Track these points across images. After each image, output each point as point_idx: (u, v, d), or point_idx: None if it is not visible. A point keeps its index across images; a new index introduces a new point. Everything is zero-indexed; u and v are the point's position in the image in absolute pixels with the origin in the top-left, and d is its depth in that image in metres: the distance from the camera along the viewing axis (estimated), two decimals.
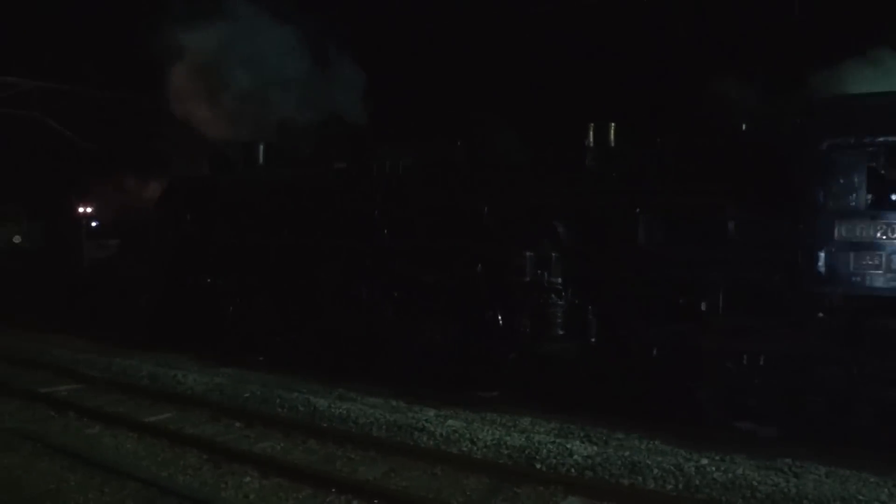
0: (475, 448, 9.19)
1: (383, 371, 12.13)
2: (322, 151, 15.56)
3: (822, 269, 8.92)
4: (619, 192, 10.57)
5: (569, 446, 8.93)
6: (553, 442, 9.11)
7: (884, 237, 8.60)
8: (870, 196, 8.83)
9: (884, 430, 8.45)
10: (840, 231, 8.81)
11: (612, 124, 11.45)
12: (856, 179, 8.80)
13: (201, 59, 17.64)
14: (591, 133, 11.35)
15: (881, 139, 8.71)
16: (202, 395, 12.02)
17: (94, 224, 18.77)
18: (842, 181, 8.84)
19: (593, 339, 10.67)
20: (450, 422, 10.01)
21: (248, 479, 8.42)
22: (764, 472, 8.05)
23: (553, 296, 10.96)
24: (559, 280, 10.93)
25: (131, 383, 12.88)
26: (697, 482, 7.91)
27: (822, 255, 8.91)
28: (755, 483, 7.71)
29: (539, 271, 10.96)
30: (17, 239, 35.73)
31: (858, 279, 8.72)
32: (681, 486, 7.91)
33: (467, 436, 9.44)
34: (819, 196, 8.97)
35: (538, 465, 8.62)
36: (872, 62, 11.02)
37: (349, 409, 10.67)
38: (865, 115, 8.86)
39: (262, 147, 16.46)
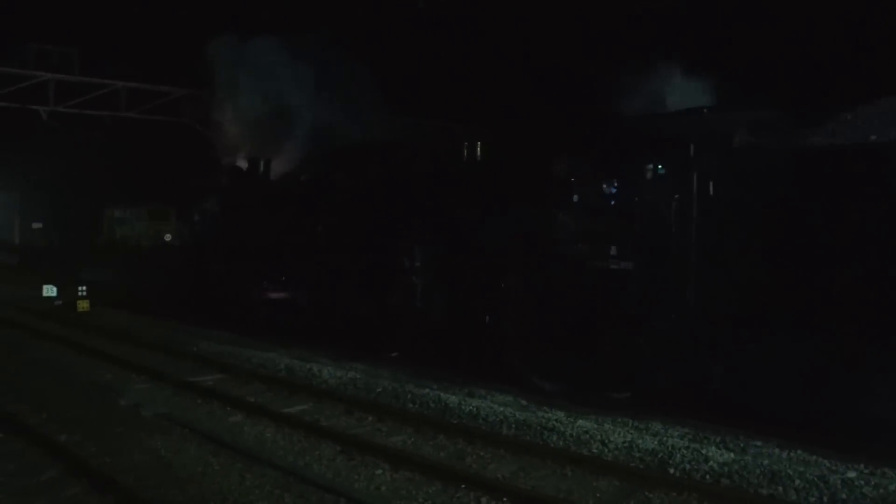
0: (606, 450, 9.05)
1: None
2: (297, 167, 19.11)
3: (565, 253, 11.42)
4: (451, 197, 13.58)
5: (704, 452, 8.65)
6: (687, 447, 8.84)
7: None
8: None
9: None
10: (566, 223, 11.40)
11: (479, 142, 14.16)
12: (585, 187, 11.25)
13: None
14: (465, 150, 14.13)
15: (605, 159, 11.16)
16: (336, 389, 12.39)
17: None
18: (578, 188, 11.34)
19: (441, 311, 13.49)
20: (580, 422, 9.89)
21: (379, 471, 8.61)
22: None
23: (414, 277, 13.90)
24: (418, 264, 13.86)
25: (270, 375, 13.42)
26: (844, 496, 7.49)
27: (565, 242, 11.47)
28: None
29: (406, 258, 14.05)
30: (167, 237, 38.07)
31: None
32: (825, 499, 7.50)
33: (598, 437, 9.31)
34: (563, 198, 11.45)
35: (671, 470, 8.39)
36: None
37: (479, 407, 10.72)
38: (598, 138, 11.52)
39: (262, 163, 20.03)
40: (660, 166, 10.50)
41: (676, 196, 10.22)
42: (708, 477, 8.18)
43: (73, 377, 13.61)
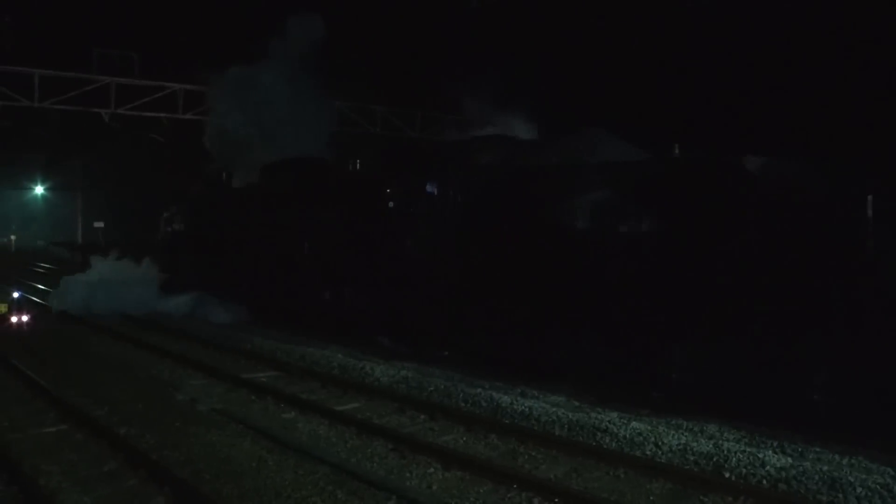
0: (660, 452, 8.94)
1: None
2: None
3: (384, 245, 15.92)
4: (323, 206, 17.86)
5: (760, 456, 8.48)
6: (743, 451, 8.68)
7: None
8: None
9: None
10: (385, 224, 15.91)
11: (357, 160, 18.64)
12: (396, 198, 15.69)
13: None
14: (351, 166, 18.76)
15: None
16: (389, 387, 12.46)
17: None
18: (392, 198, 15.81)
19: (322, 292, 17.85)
20: (633, 424, 9.78)
21: (431, 469, 8.64)
22: None
23: (309, 265, 17.99)
24: (306, 255, 18.09)
25: (324, 373, 13.55)
26: None
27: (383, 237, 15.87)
28: None
29: (303, 251, 18.19)
30: None
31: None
32: None
33: (652, 439, 9.20)
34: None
35: (727, 474, 8.26)
36: None
37: (531, 407, 10.68)
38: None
39: (224, 174, 24.50)
40: (434, 182, 14.58)
41: (440, 203, 14.32)
42: (765, 482, 8.03)
43: (132, 372, 13.95)
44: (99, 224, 44.15)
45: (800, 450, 8.90)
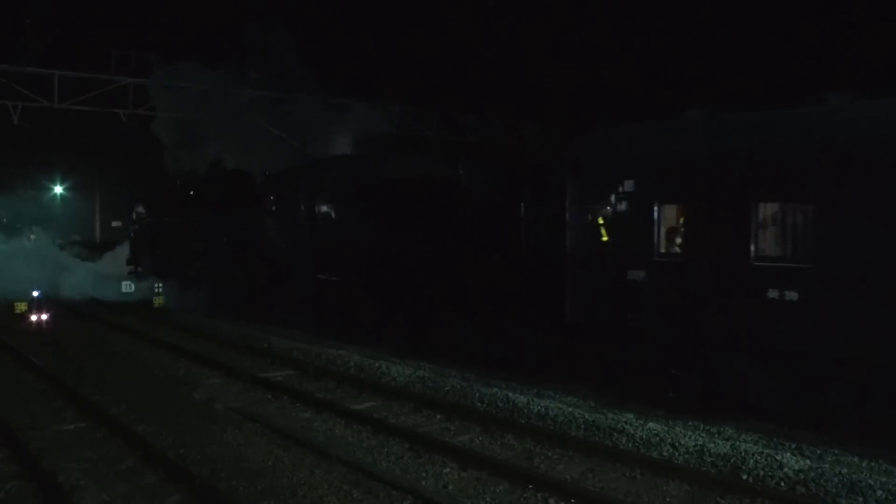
0: (676, 453, 8.89)
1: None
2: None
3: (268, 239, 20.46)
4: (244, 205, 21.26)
5: (778, 458, 8.41)
6: (761, 452, 8.61)
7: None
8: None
9: None
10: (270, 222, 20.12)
11: (271, 172, 22.41)
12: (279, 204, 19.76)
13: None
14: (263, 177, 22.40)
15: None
16: (405, 387, 12.46)
17: None
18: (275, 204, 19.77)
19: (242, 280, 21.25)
20: (650, 424, 9.72)
21: (447, 469, 8.63)
22: None
23: (225, 257, 21.89)
24: (228, 250, 21.87)
25: (340, 372, 13.58)
26: None
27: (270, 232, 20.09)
28: None
29: (222, 246, 21.89)
30: None
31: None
32: None
33: (668, 440, 9.15)
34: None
35: (744, 476, 8.20)
36: None
37: (547, 407, 10.65)
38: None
39: (178, 181, 27.68)
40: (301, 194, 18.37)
41: (304, 211, 18.21)
42: (783, 484, 7.96)
43: (149, 370, 14.04)
44: (117, 223, 44.50)
45: (818, 452, 8.81)
